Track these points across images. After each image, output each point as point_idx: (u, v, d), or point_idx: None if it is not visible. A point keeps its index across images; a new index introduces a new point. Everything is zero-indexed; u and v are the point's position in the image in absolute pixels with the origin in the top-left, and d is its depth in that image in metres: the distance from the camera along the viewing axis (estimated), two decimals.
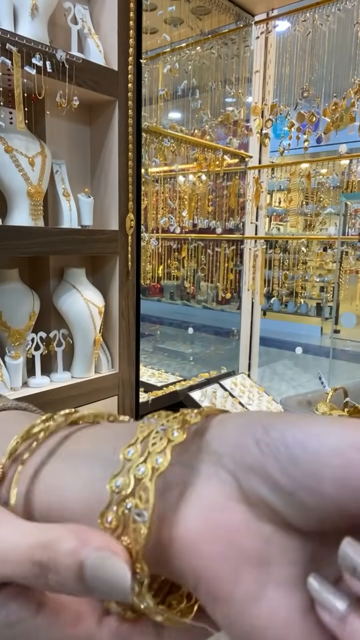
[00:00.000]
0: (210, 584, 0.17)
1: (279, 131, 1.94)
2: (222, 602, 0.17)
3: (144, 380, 2.09)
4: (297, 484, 0.16)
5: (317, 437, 0.16)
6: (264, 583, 0.17)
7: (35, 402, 1.14)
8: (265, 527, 0.17)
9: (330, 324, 2.24)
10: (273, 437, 0.17)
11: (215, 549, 0.17)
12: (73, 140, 1.28)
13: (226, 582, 0.17)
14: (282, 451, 0.17)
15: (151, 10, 1.77)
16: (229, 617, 0.17)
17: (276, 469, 0.17)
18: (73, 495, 0.20)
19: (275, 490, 0.17)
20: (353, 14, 1.70)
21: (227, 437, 0.19)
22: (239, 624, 0.17)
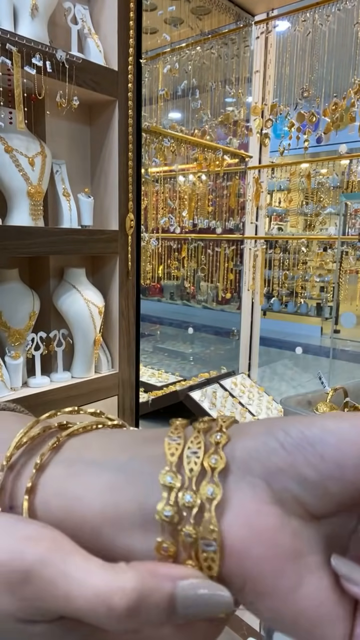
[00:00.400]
0: (257, 583, 0.19)
1: (279, 131, 1.94)
2: (267, 596, 0.19)
3: (144, 380, 2.09)
4: (324, 476, 0.19)
5: (333, 432, 0.19)
6: (300, 573, 0.19)
7: (36, 402, 1.14)
8: (293, 523, 0.19)
9: (330, 324, 2.24)
10: (296, 437, 0.19)
11: (260, 552, 0.19)
12: (73, 140, 1.28)
13: (271, 579, 0.19)
14: (308, 449, 0.19)
15: (151, 10, 1.77)
16: (274, 609, 0.19)
17: (304, 465, 0.19)
18: (89, 505, 0.21)
19: (305, 485, 0.19)
20: (353, 14, 1.70)
21: (251, 445, 0.20)
22: (282, 613, 0.19)
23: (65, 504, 0.21)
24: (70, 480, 0.22)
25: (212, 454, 0.20)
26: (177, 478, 0.20)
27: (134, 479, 0.21)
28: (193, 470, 0.20)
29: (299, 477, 0.19)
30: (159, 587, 0.18)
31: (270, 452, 0.19)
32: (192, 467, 0.20)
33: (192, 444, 0.21)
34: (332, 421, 0.19)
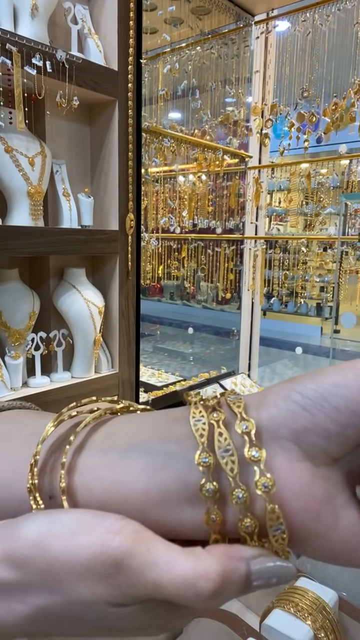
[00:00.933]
0: (302, 532, 0.21)
1: (279, 131, 1.94)
2: (313, 540, 0.22)
3: (144, 380, 2.09)
4: (343, 425, 0.21)
5: (342, 385, 0.21)
6: (335, 512, 0.21)
7: (35, 402, 1.14)
8: (321, 471, 0.22)
9: (330, 324, 2.24)
10: (312, 397, 0.22)
11: (300, 505, 0.21)
12: (73, 140, 1.28)
13: (313, 525, 0.21)
14: (325, 405, 0.21)
15: (151, 10, 1.77)
16: (320, 549, 0.22)
17: (325, 420, 0.21)
18: (133, 487, 0.23)
19: (328, 437, 0.21)
20: (353, 14, 1.70)
21: (275, 413, 0.22)
22: (327, 549, 0.22)
23: (108, 489, 0.23)
24: (108, 467, 0.23)
25: (242, 420, 0.22)
26: (210, 456, 0.22)
27: (171, 460, 0.23)
28: (233, 458, 0.22)
29: (323, 432, 0.21)
30: (236, 569, 0.20)
31: (294, 416, 0.22)
32: (230, 458, 0.22)
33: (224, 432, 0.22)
34: (338, 374, 0.22)
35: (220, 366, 2.24)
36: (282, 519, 0.21)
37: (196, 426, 0.22)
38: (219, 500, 0.22)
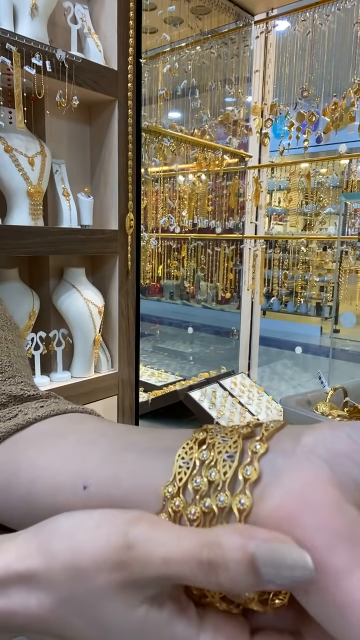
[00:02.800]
0: (310, 553, 0.18)
1: (279, 131, 1.94)
2: (320, 572, 0.18)
3: (144, 380, 2.09)
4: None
5: None
6: (356, 560, 0.18)
7: None
8: (352, 511, 0.19)
9: (330, 324, 2.24)
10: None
11: (312, 521, 0.19)
12: (73, 140, 1.28)
13: (324, 552, 0.18)
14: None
15: (151, 10, 1.77)
16: (323, 592, 0.18)
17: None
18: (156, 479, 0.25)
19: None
20: (353, 14, 1.70)
21: (319, 434, 0.22)
22: (332, 599, 0.18)
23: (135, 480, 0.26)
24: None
25: (247, 465, 0.21)
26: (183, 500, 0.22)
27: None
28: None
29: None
30: (242, 546, 0.18)
31: (337, 440, 0.21)
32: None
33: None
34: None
35: (220, 366, 2.24)
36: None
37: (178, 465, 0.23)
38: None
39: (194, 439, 0.24)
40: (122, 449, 0.27)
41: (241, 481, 0.21)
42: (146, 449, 0.26)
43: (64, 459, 0.28)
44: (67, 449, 0.29)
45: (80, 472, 0.27)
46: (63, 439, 0.30)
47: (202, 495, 0.22)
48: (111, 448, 0.27)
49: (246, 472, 0.21)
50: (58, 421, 0.32)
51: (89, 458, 0.27)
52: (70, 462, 0.28)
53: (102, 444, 0.28)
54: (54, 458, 0.29)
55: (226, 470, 0.22)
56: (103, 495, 0.26)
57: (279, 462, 0.21)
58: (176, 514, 0.22)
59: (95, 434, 0.30)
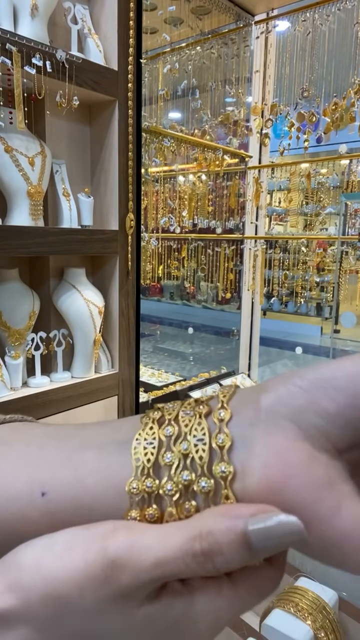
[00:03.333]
0: (301, 512, 0.20)
1: (279, 131, 1.94)
2: (313, 523, 0.20)
3: (144, 380, 2.09)
4: (342, 405, 0.21)
5: (341, 369, 0.22)
6: (338, 499, 0.20)
7: (35, 402, 1.14)
8: (322, 457, 0.21)
9: (330, 324, 2.24)
10: (311, 378, 0.22)
11: (297, 482, 0.20)
12: (73, 140, 1.28)
13: (312, 506, 0.20)
14: (323, 385, 0.21)
15: (151, 10, 1.77)
16: (320, 536, 0.20)
17: (324, 399, 0.21)
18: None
19: (327, 417, 0.21)
20: (353, 14, 1.70)
21: (273, 395, 0.22)
22: (328, 538, 0.20)
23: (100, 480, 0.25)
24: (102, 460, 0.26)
25: (217, 433, 0.22)
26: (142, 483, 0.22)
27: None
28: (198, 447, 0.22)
29: (322, 411, 0.21)
30: (233, 527, 0.19)
31: (293, 395, 0.22)
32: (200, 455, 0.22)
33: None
34: (337, 362, 0.22)
35: (220, 366, 2.24)
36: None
37: (136, 450, 0.23)
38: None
39: (151, 419, 0.24)
40: (78, 448, 0.26)
41: (216, 450, 0.21)
42: (104, 443, 0.25)
43: (12, 467, 0.26)
44: (15, 457, 0.27)
45: (35, 478, 0.25)
46: (8, 447, 0.28)
47: (177, 470, 0.22)
48: (66, 448, 0.26)
49: (219, 440, 0.22)
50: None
51: (42, 463, 0.26)
52: (21, 470, 0.26)
53: (54, 447, 0.26)
54: (0, 468, 0.26)
55: (197, 441, 0.22)
56: (65, 499, 0.24)
57: (247, 432, 0.22)
58: (150, 495, 0.22)
59: (43, 437, 0.28)
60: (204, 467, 0.22)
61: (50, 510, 0.24)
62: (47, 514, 0.24)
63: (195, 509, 0.21)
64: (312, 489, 0.20)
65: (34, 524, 0.24)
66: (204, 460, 0.22)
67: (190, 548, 0.19)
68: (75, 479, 0.24)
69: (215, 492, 0.21)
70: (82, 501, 0.23)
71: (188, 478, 0.21)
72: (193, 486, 0.21)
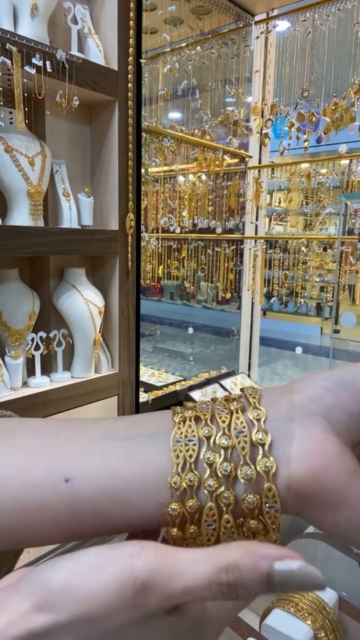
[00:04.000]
0: (336, 496, 0.24)
1: (279, 131, 1.94)
2: (344, 506, 0.24)
3: (144, 380, 2.09)
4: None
5: (358, 374, 0.25)
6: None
7: (35, 402, 1.14)
8: (347, 449, 0.25)
9: (330, 324, 2.24)
10: (333, 381, 0.25)
11: (334, 471, 0.24)
12: (73, 140, 1.28)
13: (345, 491, 0.24)
14: (346, 387, 0.25)
15: (151, 10, 1.77)
16: (350, 517, 0.24)
17: (348, 400, 0.25)
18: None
19: (352, 415, 0.25)
20: (353, 14, 1.70)
21: (304, 394, 0.26)
22: (354, 520, 0.24)
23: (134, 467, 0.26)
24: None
25: (256, 432, 0.24)
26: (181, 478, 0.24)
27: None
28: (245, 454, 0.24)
29: (347, 409, 0.25)
30: (258, 566, 0.20)
31: (322, 395, 0.25)
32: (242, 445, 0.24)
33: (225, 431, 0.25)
34: (353, 367, 0.26)
35: (220, 366, 2.24)
36: (277, 497, 0.23)
37: (175, 447, 0.24)
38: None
39: (184, 417, 0.25)
40: (99, 438, 0.25)
41: (257, 446, 0.24)
42: (130, 435, 0.25)
43: (27, 455, 0.25)
44: (27, 445, 0.26)
45: (56, 465, 0.25)
46: (15, 437, 0.27)
47: (219, 464, 0.24)
48: (84, 438, 0.26)
49: (259, 437, 0.24)
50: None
51: (61, 451, 0.25)
52: (38, 457, 0.25)
53: (69, 436, 0.26)
54: (7, 456, 0.25)
55: (237, 433, 0.24)
56: (94, 486, 0.24)
57: (287, 426, 0.25)
58: (191, 489, 0.24)
59: (52, 428, 0.27)
60: (246, 456, 0.24)
61: (76, 497, 0.24)
62: (70, 501, 0.24)
63: (234, 498, 0.23)
64: (345, 476, 0.24)
65: (53, 512, 0.24)
66: (246, 451, 0.24)
67: (217, 579, 0.20)
68: (105, 467, 0.24)
69: (257, 481, 0.24)
70: (115, 489, 0.24)
71: (228, 469, 0.23)
72: (235, 473, 0.24)
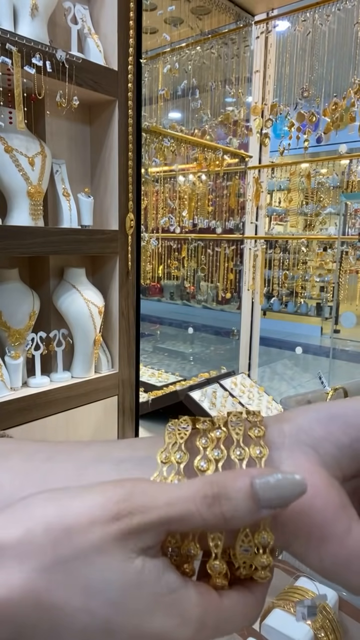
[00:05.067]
0: (321, 529, 0.23)
1: (279, 131, 1.94)
2: (329, 540, 0.23)
3: (144, 380, 2.09)
4: (353, 439, 0.24)
5: (349, 407, 0.25)
6: (349, 520, 0.23)
7: (35, 402, 1.14)
8: (335, 482, 0.24)
9: (330, 323, 2.24)
10: (325, 413, 0.25)
11: (321, 503, 0.23)
12: (73, 140, 1.28)
13: (331, 524, 0.23)
14: (336, 420, 0.25)
15: (151, 10, 1.77)
16: (333, 552, 0.23)
17: (338, 432, 0.24)
18: None
19: (341, 447, 0.24)
20: (353, 14, 1.70)
21: (294, 424, 0.25)
22: (339, 555, 0.23)
23: None
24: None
25: (255, 446, 0.24)
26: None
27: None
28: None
29: (337, 442, 0.24)
30: (240, 479, 0.21)
31: (312, 426, 0.25)
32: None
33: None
34: (344, 401, 0.25)
35: (220, 366, 2.24)
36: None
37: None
38: None
39: (177, 443, 0.25)
40: (93, 460, 0.25)
41: (252, 440, 0.24)
42: (123, 459, 0.25)
43: (14, 477, 0.25)
44: (17, 469, 0.25)
45: (43, 487, 0.23)
46: (6, 460, 0.26)
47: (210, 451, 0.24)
48: (77, 462, 0.25)
49: (256, 452, 0.24)
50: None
51: (51, 475, 0.25)
52: (27, 480, 0.25)
53: (63, 460, 0.26)
54: (1, 479, 0.25)
55: (233, 449, 0.24)
56: None
57: (274, 454, 0.24)
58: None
59: (46, 451, 0.27)
60: (240, 440, 0.24)
61: None
62: None
63: None
64: (332, 508, 0.23)
65: None
66: (240, 435, 0.24)
67: (202, 489, 0.21)
68: None
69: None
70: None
71: (220, 455, 0.24)
72: (229, 454, 0.24)
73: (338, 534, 0.23)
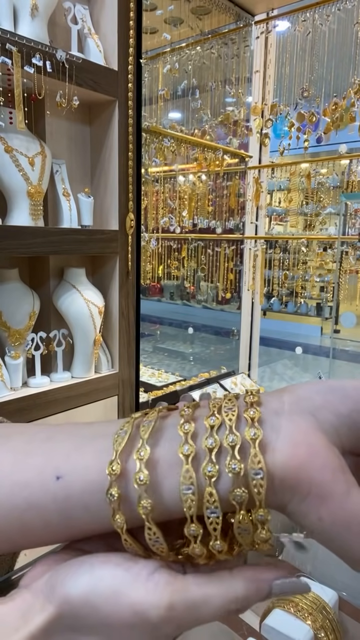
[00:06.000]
0: (320, 487, 0.23)
1: (279, 131, 1.94)
2: (328, 499, 0.23)
3: (144, 380, 2.09)
4: (350, 409, 0.25)
5: (348, 382, 0.26)
6: (348, 483, 0.24)
7: (35, 402, 1.14)
8: (335, 448, 0.24)
9: (330, 324, 2.24)
10: (324, 386, 0.26)
11: (320, 462, 0.23)
12: (73, 140, 1.28)
13: (329, 484, 0.23)
14: (335, 392, 0.26)
15: (151, 10, 1.77)
16: (332, 512, 0.23)
17: (336, 402, 0.25)
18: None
19: (339, 417, 0.25)
20: (353, 14, 1.70)
21: (295, 394, 0.26)
22: (338, 516, 0.23)
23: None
24: None
25: (249, 407, 0.25)
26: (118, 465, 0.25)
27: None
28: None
29: (335, 410, 0.25)
30: (260, 590, 0.24)
31: (311, 396, 0.26)
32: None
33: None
34: (344, 379, 0.27)
35: (220, 366, 2.24)
36: (262, 464, 0.23)
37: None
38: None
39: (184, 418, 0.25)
40: (94, 436, 0.26)
41: (248, 419, 0.25)
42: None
43: (20, 456, 0.26)
44: (20, 448, 0.27)
45: (47, 466, 0.25)
46: (8, 440, 0.28)
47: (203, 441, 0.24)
48: (80, 436, 0.26)
49: (251, 434, 0.24)
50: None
51: (53, 451, 0.26)
52: (30, 459, 0.26)
53: (62, 439, 0.27)
54: (2, 458, 0.26)
55: (227, 410, 0.25)
56: (84, 482, 0.24)
57: (274, 419, 0.25)
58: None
59: (46, 431, 0.28)
60: (232, 427, 0.24)
61: (67, 494, 0.25)
62: (61, 499, 0.25)
63: (217, 473, 0.23)
64: (331, 468, 0.23)
65: (44, 511, 0.25)
66: (232, 421, 0.24)
67: (227, 609, 0.24)
68: (98, 463, 0.25)
69: (242, 449, 0.24)
70: (107, 484, 0.24)
71: (213, 444, 0.24)
72: (221, 445, 0.24)
73: (338, 494, 0.23)
